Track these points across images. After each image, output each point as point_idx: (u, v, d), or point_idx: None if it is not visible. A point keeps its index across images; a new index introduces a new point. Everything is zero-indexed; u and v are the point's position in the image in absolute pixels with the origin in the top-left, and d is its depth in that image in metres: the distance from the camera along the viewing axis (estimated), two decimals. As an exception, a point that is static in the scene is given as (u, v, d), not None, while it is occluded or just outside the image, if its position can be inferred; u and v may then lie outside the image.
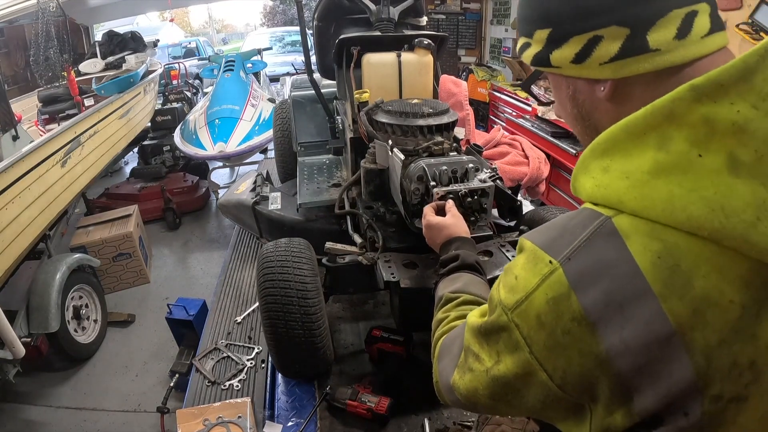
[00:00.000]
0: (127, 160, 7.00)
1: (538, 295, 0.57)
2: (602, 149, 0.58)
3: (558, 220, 0.64)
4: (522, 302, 0.59)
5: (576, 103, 0.67)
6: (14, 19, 4.85)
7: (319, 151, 2.65)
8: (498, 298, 0.64)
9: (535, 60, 0.67)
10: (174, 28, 15.73)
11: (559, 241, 0.58)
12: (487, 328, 0.66)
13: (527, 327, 0.59)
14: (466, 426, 1.41)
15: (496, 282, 0.68)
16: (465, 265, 1.05)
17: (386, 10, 1.96)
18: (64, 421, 2.84)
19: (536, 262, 0.59)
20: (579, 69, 0.62)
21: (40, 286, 2.93)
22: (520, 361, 0.60)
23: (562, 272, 0.55)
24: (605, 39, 0.58)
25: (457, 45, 6.79)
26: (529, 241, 0.63)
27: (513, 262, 0.65)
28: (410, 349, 1.66)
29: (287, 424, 1.50)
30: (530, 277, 0.59)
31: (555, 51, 0.63)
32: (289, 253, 1.50)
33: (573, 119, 0.70)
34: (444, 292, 0.99)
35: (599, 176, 0.58)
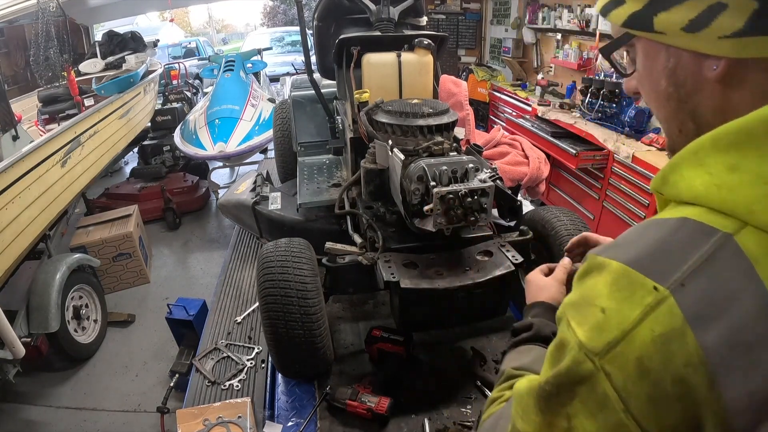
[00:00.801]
0: (127, 160, 7.01)
1: (642, 333, 0.45)
2: (731, 142, 0.48)
3: (646, 231, 0.51)
4: (617, 343, 0.46)
5: (674, 79, 0.55)
6: (14, 19, 4.85)
7: (319, 151, 2.65)
8: (575, 339, 0.49)
9: (631, 20, 0.56)
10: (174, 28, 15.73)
11: (662, 260, 0.47)
12: (555, 384, 0.51)
13: (623, 376, 0.45)
14: (466, 426, 1.41)
15: (561, 326, 0.54)
16: (538, 337, 0.87)
17: (386, 10, 1.96)
18: (64, 421, 2.84)
19: (633, 288, 0.46)
20: (690, 39, 0.51)
21: (40, 286, 2.93)
22: (607, 424, 0.47)
23: (674, 302, 0.44)
24: (730, 8, 0.47)
25: (457, 45, 6.79)
26: (613, 259, 0.49)
27: (588, 291, 0.51)
28: (410, 349, 1.66)
29: (287, 424, 1.50)
30: (626, 308, 0.46)
31: (662, 12, 0.52)
32: (289, 253, 1.50)
33: (664, 98, 0.58)
34: (507, 366, 0.82)
35: (723, 174, 0.47)
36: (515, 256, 1.48)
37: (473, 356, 1.67)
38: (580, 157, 3.69)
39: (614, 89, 3.75)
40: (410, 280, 1.38)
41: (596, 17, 4.21)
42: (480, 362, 1.64)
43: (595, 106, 3.89)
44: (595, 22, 4.23)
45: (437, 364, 1.68)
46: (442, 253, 1.52)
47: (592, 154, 3.69)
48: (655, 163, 3.17)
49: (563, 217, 1.69)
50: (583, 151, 3.72)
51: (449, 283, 1.37)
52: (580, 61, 4.55)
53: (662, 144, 3.36)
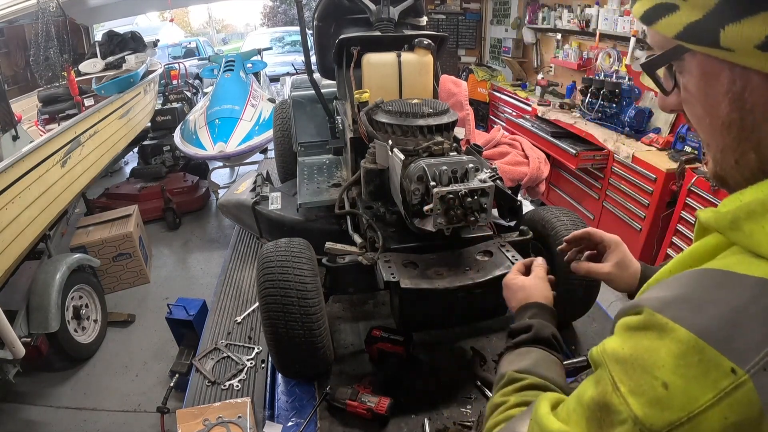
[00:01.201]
0: (127, 160, 7.01)
1: (712, 418, 0.40)
2: None
3: (721, 291, 0.44)
4: (680, 425, 0.41)
5: (740, 105, 0.47)
6: (14, 19, 4.85)
7: (319, 151, 2.65)
8: (628, 411, 0.44)
9: (688, 32, 0.47)
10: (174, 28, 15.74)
11: (742, 335, 0.40)
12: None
13: None
14: (466, 426, 1.41)
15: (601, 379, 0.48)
16: (538, 339, 0.84)
17: (386, 10, 1.96)
18: (64, 421, 2.84)
19: (707, 367, 0.41)
20: (765, 59, 0.43)
21: (40, 286, 2.93)
22: None
23: (753, 388, 0.39)
24: None
25: (457, 45, 6.79)
26: (681, 324, 0.43)
27: (646, 354, 0.44)
28: (410, 349, 1.66)
29: (287, 424, 1.50)
30: (696, 389, 0.41)
31: (731, 25, 0.43)
32: (289, 253, 1.50)
33: (723, 126, 0.49)
34: (507, 369, 0.80)
35: None
36: (515, 256, 1.48)
37: (473, 356, 1.67)
38: (580, 157, 3.70)
39: (614, 89, 3.76)
40: (410, 280, 1.38)
41: (596, 17, 4.20)
42: (480, 362, 1.64)
43: (595, 106, 3.89)
44: (595, 22, 4.23)
45: (437, 364, 1.68)
46: (442, 253, 1.52)
47: (592, 154, 3.69)
48: (655, 163, 3.17)
49: (563, 217, 1.69)
50: (583, 151, 3.72)
51: (449, 283, 1.37)
52: (580, 61, 4.55)
53: (662, 144, 3.36)
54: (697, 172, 2.90)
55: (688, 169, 2.97)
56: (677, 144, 3.29)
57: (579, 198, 4.14)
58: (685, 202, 2.97)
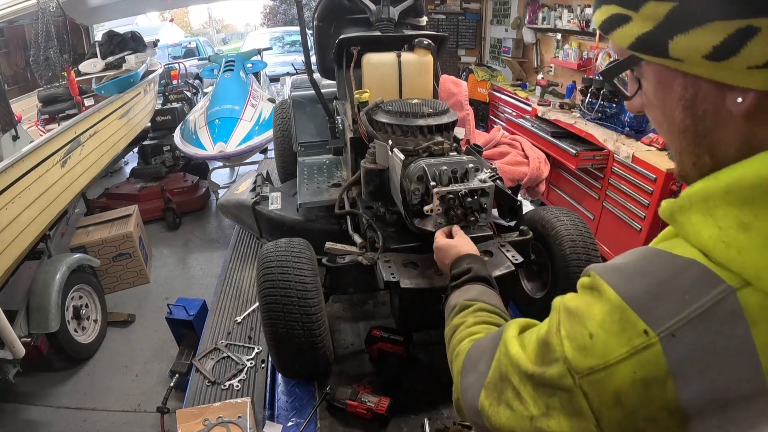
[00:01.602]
0: (127, 160, 7.01)
1: (623, 370, 0.46)
2: (746, 197, 0.44)
3: (652, 265, 0.49)
4: (597, 371, 0.48)
5: (692, 112, 0.49)
6: (14, 19, 4.85)
7: (319, 151, 2.65)
8: (561, 352, 0.51)
9: (639, 43, 0.49)
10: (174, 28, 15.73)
11: (659, 303, 0.46)
12: (540, 380, 0.55)
13: (599, 401, 0.48)
14: (465, 426, 1.41)
15: (552, 318, 0.56)
16: (478, 278, 1.01)
17: (386, 10, 1.96)
18: (64, 421, 2.84)
19: (625, 325, 0.47)
20: (714, 68, 0.44)
21: (40, 286, 2.93)
22: (580, 428, 0.50)
23: (661, 351, 0.44)
24: (762, 33, 0.41)
25: (457, 45, 6.79)
26: (613, 289, 0.49)
27: (584, 308, 0.51)
28: (410, 349, 1.66)
29: (287, 424, 1.50)
30: (614, 343, 0.47)
31: (679, 36, 0.45)
32: (289, 253, 1.50)
33: (679, 132, 0.52)
34: (458, 300, 0.94)
35: (732, 232, 0.44)
36: (515, 256, 1.48)
37: (473, 356, 1.67)
38: (580, 157, 3.69)
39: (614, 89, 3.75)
40: (410, 280, 1.38)
41: (596, 17, 4.20)
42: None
43: (595, 106, 3.89)
44: (595, 22, 4.23)
45: (437, 364, 1.68)
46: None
47: (592, 154, 3.69)
48: (655, 163, 3.17)
49: (563, 217, 1.69)
50: (583, 151, 3.71)
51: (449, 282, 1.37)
52: (580, 61, 4.55)
53: (662, 144, 3.36)
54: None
55: (688, 169, 2.96)
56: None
57: (579, 198, 4.14)
58: (685, 202, 2.96)
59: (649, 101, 0.54)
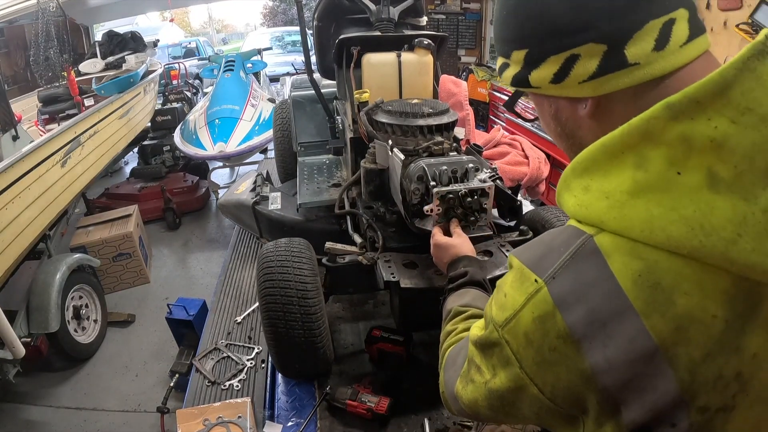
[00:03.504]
0: (127, 160, 7.00)
1: (525, 314, 0.58)
2: (582, 168, 0.58)
3: (545, 236, 0.64)
4: (510, 320, 0.60)
5: (559, 121, 0.66)
6: (14, 19, 4.85)
7: (319, 151, 2.65)
8: (490, 314, 0.65)
9: (515, 81, 0.66)
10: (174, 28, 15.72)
11: (544, 259, 0.59)
12: (482, 343, 0.67)
13: (516, 344, 0.60)
14: (466, 426, 1.41)
15: (490, 298, 0.70)
16: (473, 282, 1.08)
17: (386, 10, 1.96)
18: (64, 421, 2.84)
19: (523, 280, 0.60)
20: (559, 88, 0.60)
21: (40, 286, 2.93)
22: (512, 376, 0.62)
23: (546, 291, 0.56)
24: (582, 57, 0.56)
25: (457, 45, 6.78)
26: (517, 258, 0.63)
27: (503, 279, 0.66)
28: (410, 349, 1.66)
29: (287, 424, 1.50)
30: (517, 295, 0.60)
31: (533, 71, 0.61)
32: (289, 253, 1.50)
33: (557, 137, 0.69)
34: (453, 305, 1.02)
35: (580, 195, 0.58)
36: None
37: (473, 356, 1.67)
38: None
39: (614, 89, 3.75)
40: (410, 280, 1.38)
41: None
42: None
43: (595, 106, 3.89)
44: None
45: (437, 364, 1.68)
46: (442, 253, 1.52)
47: (592, 154, 3.69)
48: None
49: (563, 217, 1.69)
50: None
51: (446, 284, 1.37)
52: (580, 61, 4.54)
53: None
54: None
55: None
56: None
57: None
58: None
59: (540, 120, 0.71)
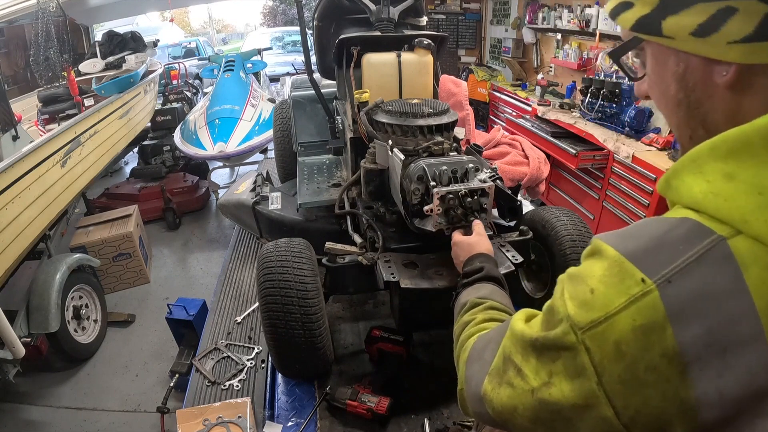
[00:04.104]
0: (127, 160, 7.01)
1: (623, 319, 0.47)
2: (728, 150, 0.48)
3: (648, 226, 0.52)
4: (599, 323, 0.49)
5: (684, 85, 0.55)
6: (14, 19, 4.85)
7: (319, 151, 2.65)
8: (564, 311, 0.53)
9: (639, 25, 0.55)
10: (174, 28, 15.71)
11: (654, 254, 0.48)
12: (544, 344, 0.56)
13: (601, 354, 0.49)
14: (466, 426, 1.41)
15: (557, 289, 0.58)
16: (489, 277, 1.04)
17: (386, 10, 1.96)
18: (64, 421, 2.84)
19: (623, 276, 0.49)
20: (699, 44, 0.50)
21: (40, 286, 2.93)
22: (581, 391, 0.51)
23: (658, 296, 0.46)
24: (740, 12, 0.47)
25: (457, 45, 6.79)
26: (611, 246, 0.52)
27: (586, 269, 0.54)
28: (410, 349, 1.66)
29: (287, 424, 1.50)
30: (613, 294, 0.49)
31: (670, 17, 0.51)
32: (289, 253, 1.50)
33: (674, 104, 0.57)
34: (469, 297, 0.97)
35: (719, 183, 0.47)
36: (515, 256, 1.48)
37: (473, 356, 1.67)
38: (580, 157, 3.69)
39: (614, 89, 3.75)
40: (410, 280, 1.38)
41: (596, 17, 4.20)
42: (480, 362, 1.64)
43: (595, 106, 3.89)
44: (595, 22, 4.23)
45: (437, 364, 1.68)
46: (442, 253, 1.52)
47: (592, 154, 3.69)
48: (655, 163, 3.17)
49: (563, 217, 1.69)
50: (583, 151, 3.72)
51: (449, 282, 1.37)
52: (580, 61, 4.55)
53: (662, 144, 3.36)
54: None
55: (688, 169, 2.96)
56: (677, 144, 3.29)
57: (579, 198, 4.14)
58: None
59: (651, 80, 0.60)
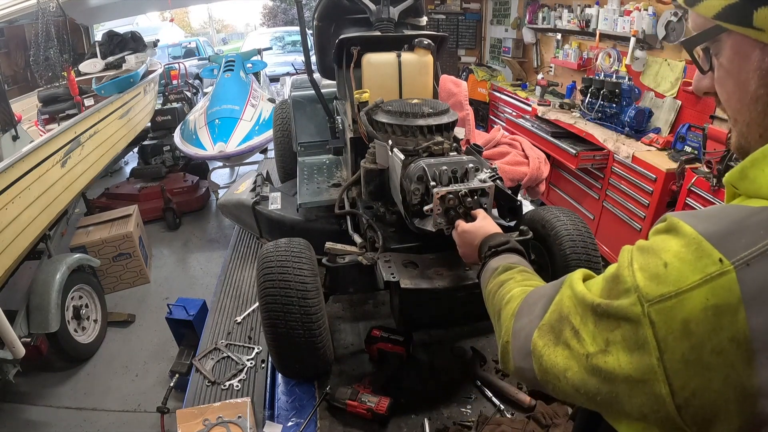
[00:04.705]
0: (127, 160, 7.01)
1: (695, 297, 0.46)
2: None
3: (729, 210, 0.51)
4: (669, 297, 0.48)
5: (767, 81, 0.52)
6: (14, 19, 4.84)
7: (319, 151, 2.65)
8: (633, 281, 0.52)
9: (726, 13, 0.52)
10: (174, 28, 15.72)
11: (734, 237, 0.47)
12: (606, 311, 0.54)
13: (666, 330, 0.48)
14: (465, 426, 1.41)
15: (623, 258, 0.56)
16: (515, 249, 1.02)
17: (386, 10, 1.96)
18: (64, 421, 2.84)
19: (700, 254, 0.48)
20: None
21: (40, 286, 2.93)
22: (639, 364, 0.50)
23: (735, 278, 0.45)
24: None
25: (457, 45, 6.79)
26: (690, 225, 0.50)
27: (659, 243, 0.53)
28: (410, 349, 1.66)
29: (287, 424, 1.50)
30: (688, 270, 0.47)
31: (763, 7, 0.48)
32: (289, 253, 1.50)
33: (751, 101, 0.55)
34: (500, 263, 0.94)
35: None
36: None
37: (473, 356, 1.67)
38: (580, 157, 3.69)
39: (614, 89, 3.75)
40: (410, 280, 1.38)
41: (596, 17, 4.20)
42: (480, 362, 1.64)
43: (595, 106, 3.89)
44: (595, 22, 4.22)
45: (437, 364, 1.68)
46: (442, 253, 1.52)
47: (592, 154, 3.69)
48: (655, 163, 3.17)
49: (563, 217, 1.69)
50: (583, 151, 3.72)
51: (449, 283, 1.37)
52: (580, 61, 4.55)
53: (662, 144, 3.36)
54: (697, 172, 2.89)
55: (688, 169, 2.96)
56: (677, 144, 3.29)
57: (579, 198, 4.14)
58: (685, 202, 2.96)
59: (724, 73, 0.57)
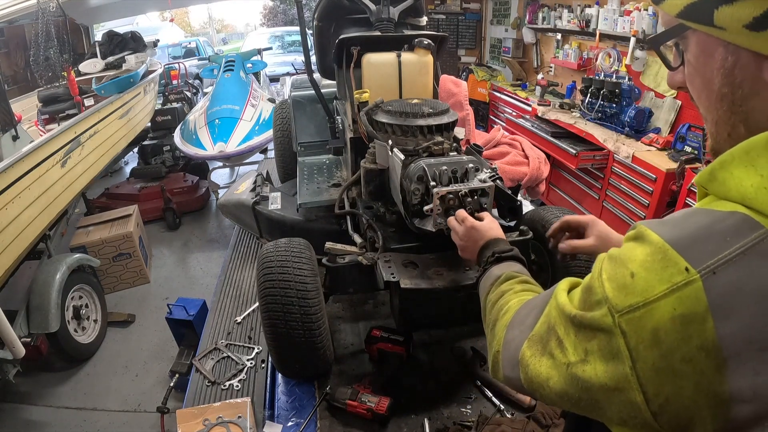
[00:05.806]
0: (127, 160, 7.01)
1: (662, 307, 0.46)
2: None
3: (693, 216, 0.51)
4: (637, 308, 0.48)
5: (730, 80, 0.52)
6: (14, 19, 4.85)
7: (319, 151, 2.65)
8: (603, 292, 0.52)
9: (688, 11, 0.52)
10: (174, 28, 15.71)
11: (699, 244, 0.47)
12: (581, 321, 0.55)
13: (636, 339, 0.48)
14: (465, 426, 1.41)
15: (596, 267, 0.57)
16: (518, 258, 1.02)
17: (386, 10, 1.96)
18: (64, 421, 2.84)
19: (666, 264, 0.47)
20: (753, 38, 0.48)
21: (40, 286, 2.93)
22: (614, 373, 0.50)
23: (701, 287, 0.45)
24: None
25: (457, 45, 6.79)
26: (656, 233, 0.50)
27: (627, 252, 0.53)
28: (410, 349, 1.66)
29: (287, 424, 1.50)
30: (654, 280, 0.47)
31: (724, 6, 0.48)
32: (289, 253, 1.50)
33: (716, 99, 0.55)
34: (503, 271, 0.94)
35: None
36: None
37: (473, 356, 1.67)
38: (580, 157, 3.70)
39: (614, 89, 3.75)
40: (410, 280, 1.38)
41: (596, 17, 4.20)
42: (480, 362, 1.64)
43: (595, 106, 3.89)
44: (595, 22, 4.23)
45: (437, 364, 1.68)
46: (442, 253, 1.52)
47: (592, 154, 3.69)
48: (655, 163, 3.18)
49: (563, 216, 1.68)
50: (583, 151, 3.72)
51: (449, 283, 1.37)
52: (580, 61, 4.55)
53: (662, 144, 3.36)
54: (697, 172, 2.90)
55: (688, 169, 2.97)
56: (677, 144, 3.29)
57: (579, 198, 4.14)
58: (685, 202, 2.97)
59: (692, 71, 0.57)
